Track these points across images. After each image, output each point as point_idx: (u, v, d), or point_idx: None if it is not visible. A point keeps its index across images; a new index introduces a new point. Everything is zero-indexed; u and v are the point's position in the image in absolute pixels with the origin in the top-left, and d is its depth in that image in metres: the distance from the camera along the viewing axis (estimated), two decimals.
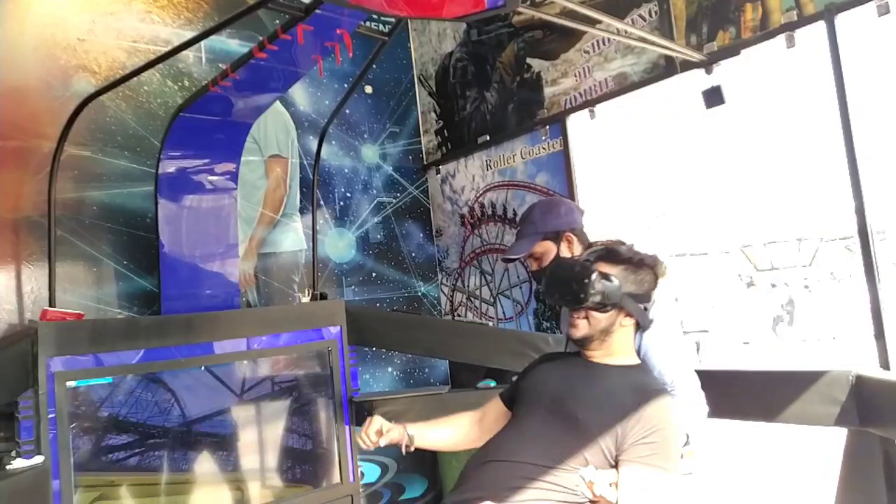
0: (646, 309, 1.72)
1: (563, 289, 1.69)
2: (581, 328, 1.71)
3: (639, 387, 1.66)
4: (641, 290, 1.71)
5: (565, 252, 2.16)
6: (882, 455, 2.04)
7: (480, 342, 3.10)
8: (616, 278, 1.67)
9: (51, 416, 2.34)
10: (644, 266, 1.73)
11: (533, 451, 1.64)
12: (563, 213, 2.21)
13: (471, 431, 1.97)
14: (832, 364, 2.20)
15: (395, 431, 1.88)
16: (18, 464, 2.28)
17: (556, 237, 2.16)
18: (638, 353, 1.82)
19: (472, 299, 4.02)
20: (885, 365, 2.19)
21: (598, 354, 1.75)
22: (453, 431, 1.98)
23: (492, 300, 3.87)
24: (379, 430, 1.86)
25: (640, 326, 1.75)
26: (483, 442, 1.87)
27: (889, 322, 2.23)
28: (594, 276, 1.64)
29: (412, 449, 1.90)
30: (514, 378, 1.97)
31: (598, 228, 2.43)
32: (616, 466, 1.59)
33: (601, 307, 1.66)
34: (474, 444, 1.94)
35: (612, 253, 1.73)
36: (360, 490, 3.25)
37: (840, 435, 2.20)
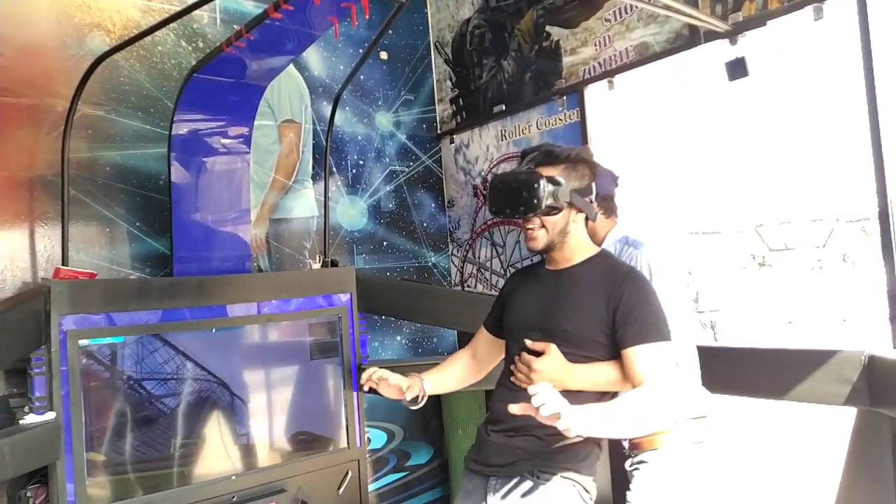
0: (591, 202, 1.74)
1: (513, 199, 1.70)
2: (540, 238, 1.73)
3: (608, 275, 1.70)
4: (583, 184, 1.74)
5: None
6: (891, 435, 2.04)
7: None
8: (561, 178, 1.69)
9: (63, 372, 2.37)
10: (581, 161, 1.75)
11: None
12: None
13: (469, 367, 2.03)
14: (842, 345, 2.18)
15: (415, 388, 1.90)
16: (31, 419, 2.32)
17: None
18: None
19: (483, 271, 4.01)
20: None
21: (562, 259, 1.78)
22: (455, 371, 2.02)
23: (502, 272, 3.85)
24: (397, 387, 1.88)
25: (589, 219, 1.78)
26: (483, 373, 2.01)
27: None
28: (542, 180, 1.66)
29: (424, 400, 1.91)
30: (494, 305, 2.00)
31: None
32: (620, 355, 1.64)
33: (554, 210, 1.69)
34: (476, 378, 2.03)
35: (550, 155, 1.74)
36: (367, 455, 3.29)
37: (849, 414, 2.20)
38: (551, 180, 1.67)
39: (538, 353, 1.68)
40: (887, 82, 2.24)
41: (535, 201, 1.65)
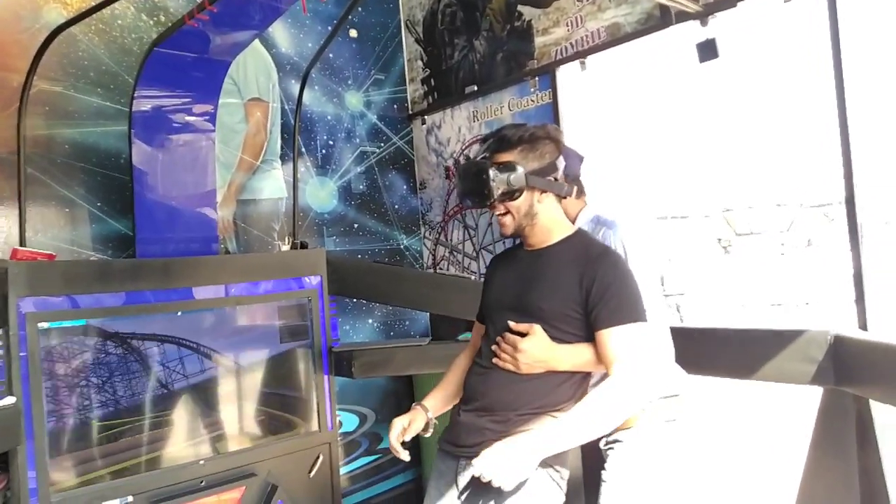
0: (556, 179, 1.73)
1: (469, 193, 1.74)
2: (508, 224, 1.74)
3: (582, 255, 1.69)
4: (545, 162, 1.72)
5: None
6: (855, 414, 2.08)
7: (462, 295, 3.08)
8: (516, 163, 1.68)
9: (22, 356, 2.30)
10: (539, 139, 1.72)
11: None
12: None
13: (470, 362, 1.97)
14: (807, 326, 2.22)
15: (418, 420, 1.87)
16: None
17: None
18: None
19: (455, 253, 4.00)
20: (864, 327, 2.20)
21: (537, 240, 1.77)
22: (457, 380, 1.95)
23: (474, 255, 3.84)
24: (401, 433, 1.86)
25: (560, 196, 1.76)
26: None
27: (868, 285, 2.23)
28: (491, 171, 1.66)
29: (433, 425, 1.90)
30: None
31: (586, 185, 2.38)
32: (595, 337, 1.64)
33: (511, 196, 1.69)
34: None
35: (503, 140, 1.72)
36: (339, 438, 3.27)
37: (815, 393, 2.24)
38: (504, 167, 1.66)
39: (522, 335, 1.67)
40: (855, 66, 2.26)
41: (486, 191, 1.66)
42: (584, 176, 2.22)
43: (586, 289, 1.63)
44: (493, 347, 1.73)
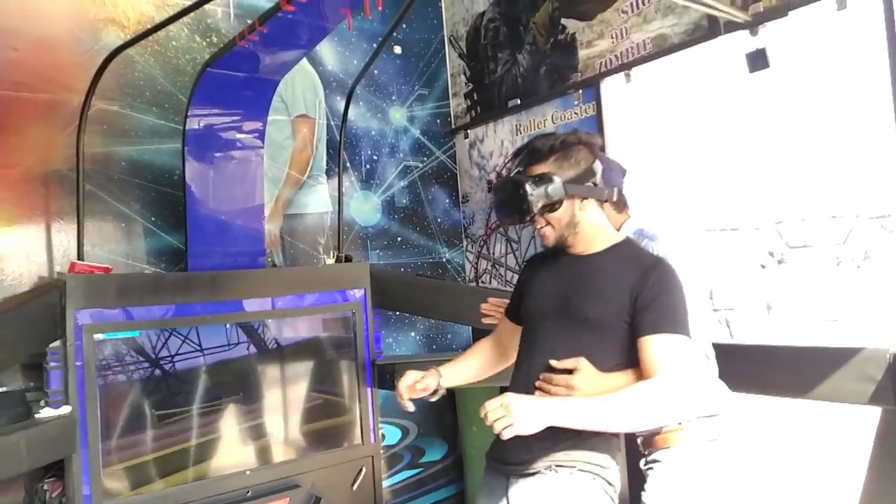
0: (595, 184, 1.68)
1: (508, 211, 1.70)
2: (549, 236, 1.70)
3: (634, 263, 1.64)
4: (581, 168, 1.67)
5: None
6: None
7: None
8: (552, 174, 1.64)
9: (78, 366, 2.38)
10: (572, 146, 1.68)
11: (554, 358, 1.65)
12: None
13: (493, 353, 1.99)
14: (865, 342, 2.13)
15: (430, 380, 1.87)
16: (46, 413, 2.33)
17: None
18: None
19: (497, 267, 3.98)
20: None
21: (582, 247, 1.72)
22: (477, 361, 1.99)
23: (517, 268, 3.82)
24: (412, 386, 1.85)
25: (603, 201, 1.72)
26: (507, 362, 1.93)
27: None
28: (528, 185, 1.62)
29: (441, 393, 1.89)
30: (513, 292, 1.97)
31: (628, 198, 2.35)
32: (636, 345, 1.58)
33: (552, 208, 1.65)
34: (499, 367, 1.99)
35: (535, 152, 1.69)
36: (381, 451, 3.28)
37: (873, 414, 2.15)
38: (540, 179, 1.63)
39: (569, 371, 1.61)
40: None
41: (525, 206, 1.62)
42: (627, 189, 2.19)
43: (635, 296, 1.58)
44: (539, 384, 1.66)
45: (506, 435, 1.42)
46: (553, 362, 1.64)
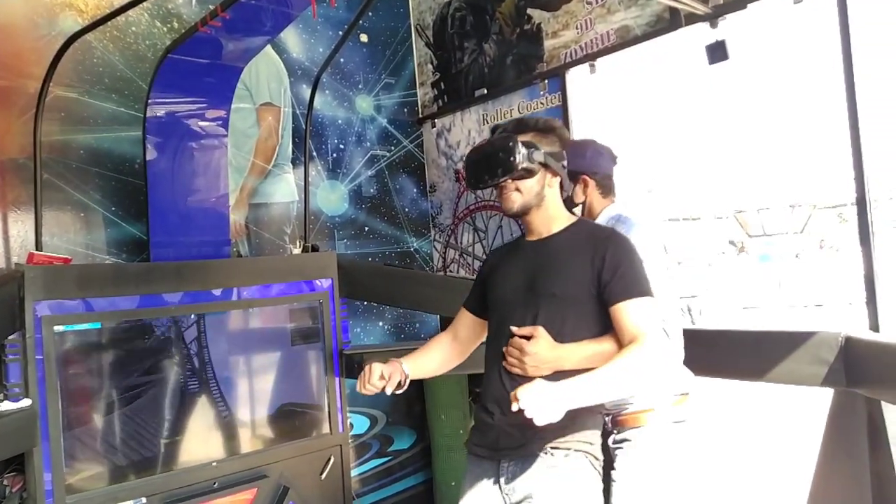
0: (563, 167, 1.80)
1: (490, 164, 1.74)
2: (516, 200, 1.76)
3: (590, 238, 1.75)
4: (556, 150, 1.79)
5: (578, 194, 2.14)
6: (867, 415, 2.07)
7: None
8: (538, 143, 1.74)
9: (38, 359, 2.33)
10: (553, 129, 1.80)
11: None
12: (587, 154, 2.16)
13: (451, 350, 2.02)
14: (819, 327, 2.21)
15: (396, 374, 1.88)
16: (6, 406, 2.28)
17: (573, 178, 2.09)
18: None
19: (465, 256, 4.01)
20: (875, 328, 2.19)
21: (541, 227, 1.80)
22: (435, 355, 2.01)
23: (484, 257, 3.85)
24: (381, 376, 1.85)
25: (564, 186, 1.82)
26: (465, 356, 2.02)
27: (880, 287, 2.22)
28: (518, 144, 1.70)
29: (405, 387, 1.90)
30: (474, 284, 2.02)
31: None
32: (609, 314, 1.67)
33: (529, 173, 1.73)
34: (458, 361, 2.03)
35: (521, 123, 1.81)
36: (349, 441, 3.28)
37: (826, 395, 2.23)
38: (525, 143, 1.71)
39: (526, 338, 1.68)
40: (866, 68, 2.25)
41: (512, 160, 1.69)
42: (616, 176, 2.22)
43: (598, 269, 1.67)
44: (504, 350, 1.74)
45: (539, 422, 1.45)
46: (514, 328, 1.72)
